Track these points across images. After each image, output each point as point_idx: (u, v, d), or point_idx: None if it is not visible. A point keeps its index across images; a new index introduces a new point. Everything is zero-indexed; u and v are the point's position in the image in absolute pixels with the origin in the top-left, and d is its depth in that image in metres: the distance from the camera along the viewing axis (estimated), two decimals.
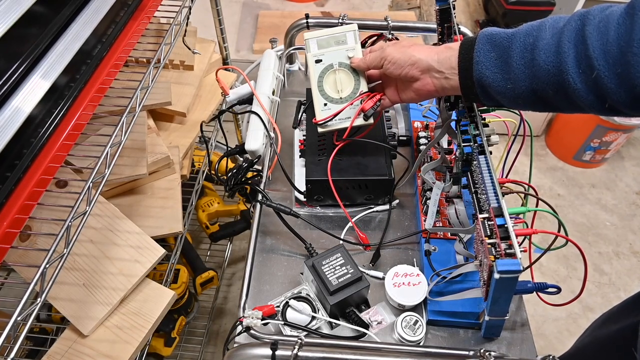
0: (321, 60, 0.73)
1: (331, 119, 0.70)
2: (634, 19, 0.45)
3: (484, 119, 0.63)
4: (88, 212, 0.56)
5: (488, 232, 0.53)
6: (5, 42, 0.56)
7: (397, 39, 0.92)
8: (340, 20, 0.91)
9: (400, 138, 0.84)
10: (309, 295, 0.62)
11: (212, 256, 1.57)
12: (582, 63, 0.47)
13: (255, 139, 0.74)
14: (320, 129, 0.72)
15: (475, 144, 0.60)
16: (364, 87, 0.71)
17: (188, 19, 0.90)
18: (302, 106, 0.84)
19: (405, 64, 0.60)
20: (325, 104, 0.71)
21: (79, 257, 0.77)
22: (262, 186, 0.73)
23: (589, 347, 0.64)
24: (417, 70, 0.60)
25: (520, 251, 0.50)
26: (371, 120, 0.70)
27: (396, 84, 0.67)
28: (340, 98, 0.71)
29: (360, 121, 0.70)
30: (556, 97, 0.50)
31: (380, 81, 0.71)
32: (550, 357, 0.53)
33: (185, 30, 0.98)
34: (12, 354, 0.48)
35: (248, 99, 0.83)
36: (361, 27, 0.92)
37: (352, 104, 0.70)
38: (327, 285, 0.61)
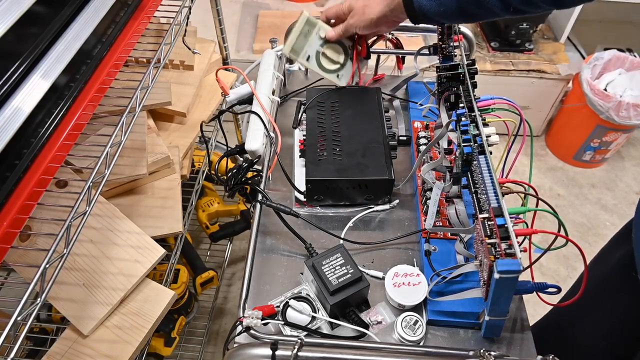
0: (309, 56, 0.85)
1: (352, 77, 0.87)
2: None
3: (484, 119, 0.63)
4: (88, 212, 0.56)
5: (488, 232, 0.53)
6: (5, 42, 0.56)
7: (397, 39, 0.92)
8: None
9: (400, 138, 0.84)
10: (309, 295, 0.62)
11: (212, 256, 1.57)
12: None
13: (255, 139, 0.74)
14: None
15: (475, 144, 0.60)
16: (347, 43, 0.87)
17: (188, 19, 0.90)
18: (302, 106, 0.84)
19: (370, 28, 0.79)
20: (338, 76, 0.87)
21: (79, 257, 0.77)
22: (262, 186, 0.73)
23: (588, 284, 0.64)
24: (379, 27, 0.79)
25: (520, 251, 0.50)
26: (369, 56, 0.89)
27: None
28: (343, 63, 0.87)
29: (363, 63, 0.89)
30: (477, 10, 0.66)
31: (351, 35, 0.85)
32: (550, 357, 0.53)
33: (185, 30, 0.98)
34: (12, 354, 0.48)
35: (248, 99, 0.82)
36: None
37: (355, 59, 0.87)
38: (327, 285, 0.61)
